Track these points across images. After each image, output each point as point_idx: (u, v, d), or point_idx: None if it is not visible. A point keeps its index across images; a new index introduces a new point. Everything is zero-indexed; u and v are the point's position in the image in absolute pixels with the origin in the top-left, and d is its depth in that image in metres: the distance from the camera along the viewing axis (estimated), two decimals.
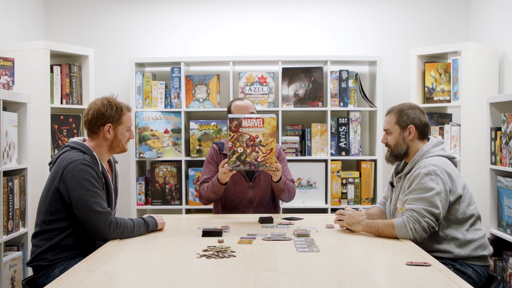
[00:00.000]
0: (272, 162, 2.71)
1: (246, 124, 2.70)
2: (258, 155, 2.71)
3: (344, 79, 4.02)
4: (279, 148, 3.18)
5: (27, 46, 3.56)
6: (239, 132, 2.70)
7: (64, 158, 2.28)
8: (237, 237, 2.32)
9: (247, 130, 2.70)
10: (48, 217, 2.28)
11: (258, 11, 4.34)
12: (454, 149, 3.69)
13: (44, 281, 2.22)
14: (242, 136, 2.70)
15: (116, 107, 2.40)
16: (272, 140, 2.71)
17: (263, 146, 2.70)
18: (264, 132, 2.70)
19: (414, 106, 2.52)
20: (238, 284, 1.66)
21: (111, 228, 2.23)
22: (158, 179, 4.04)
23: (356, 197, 4.02)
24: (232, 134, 2.70)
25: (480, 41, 4.04)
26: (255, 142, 2.71)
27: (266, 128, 2.70)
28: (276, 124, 2.72)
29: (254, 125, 2.70)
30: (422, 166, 2.34)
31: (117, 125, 2.40)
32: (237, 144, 2.70)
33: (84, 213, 2.21)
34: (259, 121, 2.70)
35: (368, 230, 2.38)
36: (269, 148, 2.71)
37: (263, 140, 2.70)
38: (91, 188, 2.23)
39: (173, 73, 4.04)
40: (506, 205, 2.97)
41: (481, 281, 2.32)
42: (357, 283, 1.66)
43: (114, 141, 2.42)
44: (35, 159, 3.35)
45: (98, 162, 2.33)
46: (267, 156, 2.71)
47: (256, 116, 2.70)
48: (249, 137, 2.70)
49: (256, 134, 2.69)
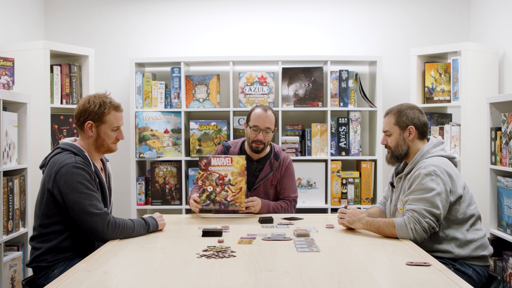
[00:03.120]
0: (242, 201, 2.78)
1: (215, 163, 2.78)
2: (228, 194, 2.78)
3: (344, 79, 4.02)
4: (287, 162, 3.08)
5: (27, 46, 3.55)
6: (208, 170, 2.77)
7: (56, 162, 2.25)
8: (237, 237, 2.32)
9: (216, 168, 2.77)
10: (44, 220, 2.27)
11: (258, 11, 4.34)
12: (454, 149, 3.69)
13: (44, 282, 2.22)
14: (211, 174, 2.78)
15: (100, 104, 2.31)
16: (241, 179, 2.77)
17: (232, 185, 2.77)
18: (233, 171, 2.77)
19: (412, 106, 2.52)
20: (238, 284, 1.66)
21: (109, 228, 2.21)
22: (158, 179, 4.04)
23: (356, 197, 4.02)
24: (202, 172, 2.78)
25: (480, 41, 4.04)
26: (224, 181, 2.77)
27: (235, 167, 2.76)
28: (245, 163, 2.78)
29: (222, 164, 2.77)
30: (422, 167, 2.34)
31: (99, 123, 2.33)
32: (207, 182, 2.78)
33: (80, 216, 2.20)
34: (228, 160, 2.77)
35: (368, 228, 2.38)
36: (238, 187, 2.77)
37: (232, 179, 2.77)
38: (85, 191, 2.20)
39: (173, 73, 4.04)
40: (506, 205, 2.97)
41: (481, 281, 2.32)
42: (357, 283, 1.66)
43: (97, 140, 2.35)
44: (35, 159, 3.34)
45: (90, 163, 2.30)
46: (236, 196, 2.78)
47: (224, 155, 2.78)
48: (218, 175, 2.78)
49: (225, 173, 2.77)
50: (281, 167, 3.06)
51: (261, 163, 3.05)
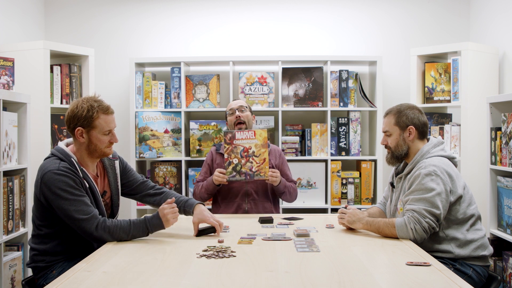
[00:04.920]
0: (266, 171, 2.92)
1: (239, 137, 2.92)
2: (253, 165, 2.91)
3: (344, 79, 4.02)
4: (279, 150, 3.24)
5: (27, 46, 3.55)
6: (233, 144, 2.91)
7: (41, 168, 2.24)
8: (237, 237, 2.32)
9: (241, 142, 2.92)
10: (38, 222, 2.29)
11: (258, 11, 4.34)
12: (454, 149, 3.69)
13: (43, 282, 2.23)
14: (236, 147, 2.91)
15: (88, 109, 2.23)
16: (264, 150, 2.91)
17: (256, 156, 2.91)
18: (257, 144, 2.92)
19: (412, 106, 2.52)
20: (238, 284, 1.66)
21: (98, 231, 2.18)
22: (158, 179, 4.04)
23: (356, 197, 4.02)
24: (227, 146, 2.91)
25: (480, 41, 4.04)
26: (248, 153, 2.91)
27: (258, 140, 2.92)
28: (267, 135, 2.92)
29: (246, 137, 2.92)
30: (422, 167, 2.34)
31: (89, 128, 2.25)
32: (232, 155, 2.91)
33: (69, 222, 2.20)
34: (251, 133, 2.93)
35: (368, 228, 2.38)
36: (262, 158, 2.91)
37: (256, 151, 2.92)
38: (69, 196, 2.16)
39: (173, 73, 4.04)
40: (506, 205, 2.97)
41: (481, 281, 2.32)
42: (357, 283, 1.66)
43: (89, 145, 2.27)
44: (35, 159, 3.35)
45: (77, 168, 2.23)
46: (261, 166, 2.91)
47: (248, 129, 2.94)
48: (242, 148, 2.91)
49: (249, 145, 2.91)
50: (275, 155, 3.18)
51: None
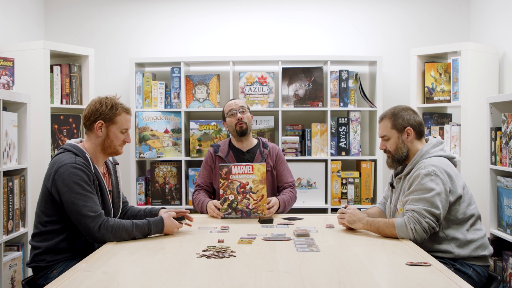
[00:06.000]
0: (263, 209, 2.77)
1: (236, 171, 2.76)
2: (250, 202, 2.76)
3: (344, 79, 4.02)
4: (276, 150, 3.21)
5: (27, 46, 3.55)
6: (229, 179, 2.75)
7: (56, 161, 2.27)
8: (237, 237, 2.32)
9: (237, 177, 2.76)
10: (44, 218, 2.29)
11: (258, 11, 4.34)
12: (454, 149, 3.69)
13: (43, 282, 2.23)
14: (232, 183, 2.76)
15: (112, 105, 2.36)
16: (262, 186, 2.76)
17: (254, 193, 2.76)
18: (254, 179, 2.76)
19: (405, 108, 2.52)
20: (238, 284, 1.66)
21: (101, 231, 2.20)
22: (158, 179, 4.04)
23: (356, 197, 4.02)
24: (223, 181, 2.76)
25: (480, 41, 4.04)
26: (245, 189, 2.76)
27: (256, 175, 2.76)
28: (265, 171, 2.77)
29: (244, 172, 2.76)
30: (422, 167, 2.34)
31: (109, 123, 2.36)
32: (228, 191, 2.76)
33: (75, 216, 2.21)
34: (249, 167, 2.76)
35: (368, 228, 2.38)
36: (259, 195, 2.76)
37: (254, 187, 2.76)
38: (82, 191, 2.20)
39: (173, 73, 4.04)
40: (506, 205, 2.97)
41: (481, 281, 2.32)
42: (357, 283, 1.66)
43: (106, 141, 2.37)
44: (35, 159, 3.36)
45: (91, 164, 2.31)
46: (258, 203, 2.77)
47: (245, 163, 2.77)
48: (239, 184, 2.76)
49: (247, 181, 2.75)
50: (272, 154, 3.15)
51: (251, 152, 3.14)
